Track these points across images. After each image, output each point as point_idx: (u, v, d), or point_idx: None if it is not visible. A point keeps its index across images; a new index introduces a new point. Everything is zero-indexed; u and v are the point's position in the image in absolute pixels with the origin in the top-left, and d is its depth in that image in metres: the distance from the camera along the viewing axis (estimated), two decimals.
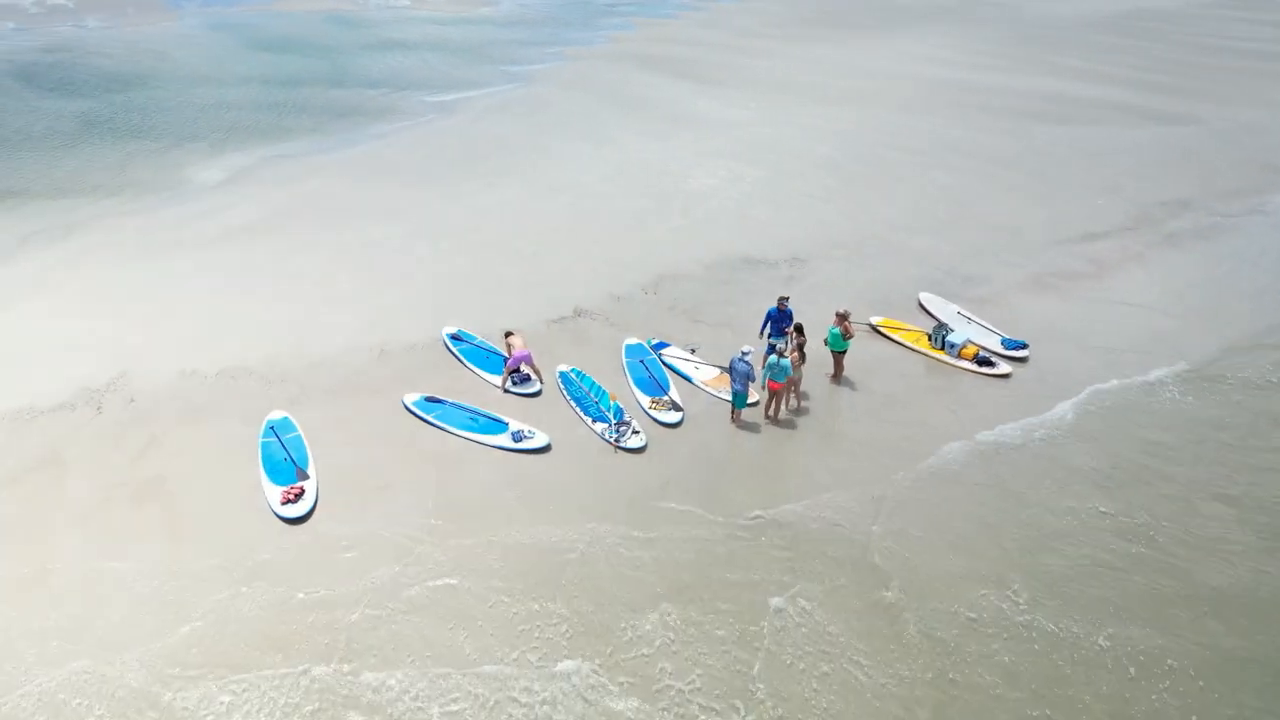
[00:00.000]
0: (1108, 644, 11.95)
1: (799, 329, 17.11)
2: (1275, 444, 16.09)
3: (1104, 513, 14.28)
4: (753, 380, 16.19)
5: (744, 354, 16.04)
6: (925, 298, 20.86)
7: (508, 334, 17.84)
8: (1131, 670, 11.59)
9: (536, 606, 12.42)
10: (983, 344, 18.87)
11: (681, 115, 35.78)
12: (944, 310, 20.34)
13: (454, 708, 10.99)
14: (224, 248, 23.53)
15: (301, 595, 12.50)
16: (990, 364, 18.15)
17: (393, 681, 11.31)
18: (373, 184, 28.29)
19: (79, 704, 10.96)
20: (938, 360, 18.51)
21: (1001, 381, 17.82)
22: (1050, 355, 18.70)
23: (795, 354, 16.54)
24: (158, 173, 29.70)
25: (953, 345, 18.46)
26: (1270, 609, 12.51)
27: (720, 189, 28.03)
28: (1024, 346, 18.77)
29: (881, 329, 19.52)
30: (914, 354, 18.82)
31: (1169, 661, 11.67)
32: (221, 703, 10.98)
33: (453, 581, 12.79)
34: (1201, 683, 11.39)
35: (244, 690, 11.14)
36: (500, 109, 36.97)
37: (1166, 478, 15.09)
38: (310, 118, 36.08)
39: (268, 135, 33.72)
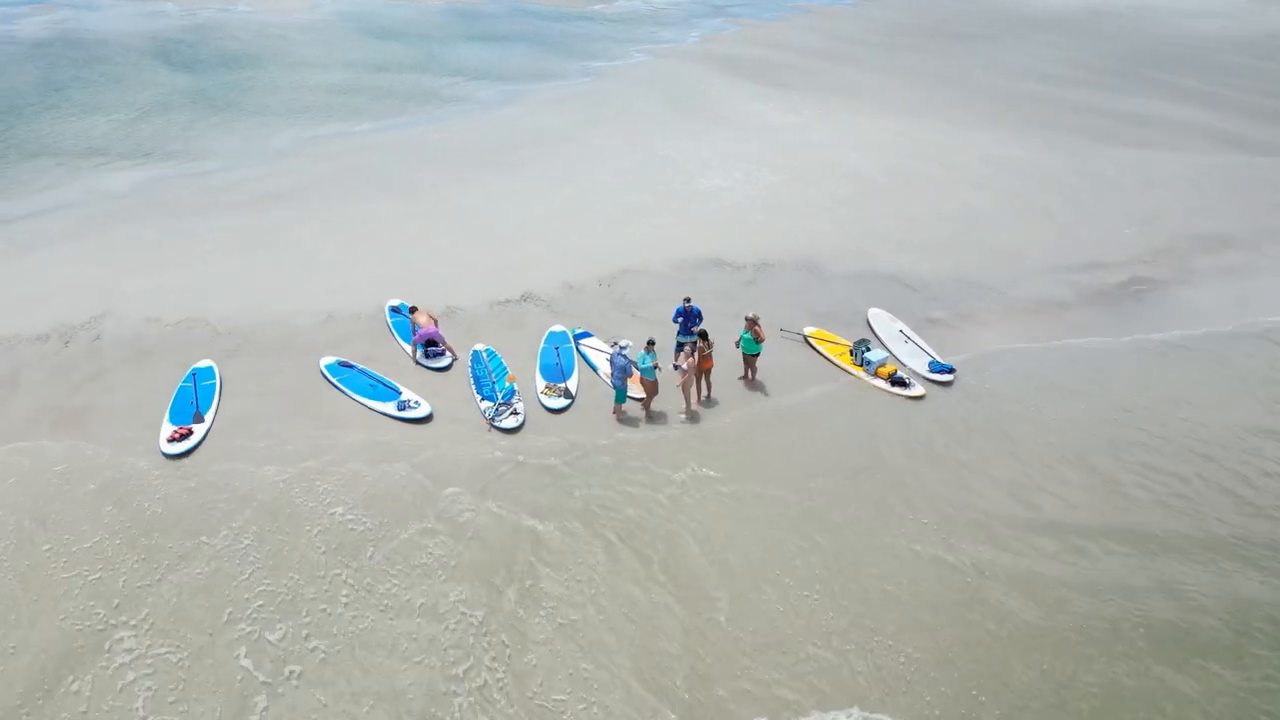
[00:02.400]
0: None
1: (703, 335, 17.07)
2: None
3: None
4: (629, 375, 16.41)
5: (621, 349, 16.28)
6: (873, 313, 20.30)
7: (412, 309, 18.82)
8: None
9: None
10: (910, 364, 18.30)
11: (728, 116, 35.72)
12: (888, 328, 19.73)
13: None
14: (244, 213, 25.70)
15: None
16: (905, 384, 17.57)
17: None
18: (404, 164, 29.99)
19: None
20: (855, 376, 18.07)
21: (910, 402, 17.27)
22: (975, 381, 17.90)
23: (692, 359, 16.63)
24: (227, 143, 32.55)
25: (869, 363, 17.97)
26: None
27: (729, 190, 27.98)
28: (950, 371, 18.02)
29: (811, 340, 19.19)
30: (834, 368, 18.44)
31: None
32: None
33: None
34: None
35: None
36: (557, 102, 38.07)
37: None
38: (382, 100, 38.39)
39: (337, 114, 36.19)
